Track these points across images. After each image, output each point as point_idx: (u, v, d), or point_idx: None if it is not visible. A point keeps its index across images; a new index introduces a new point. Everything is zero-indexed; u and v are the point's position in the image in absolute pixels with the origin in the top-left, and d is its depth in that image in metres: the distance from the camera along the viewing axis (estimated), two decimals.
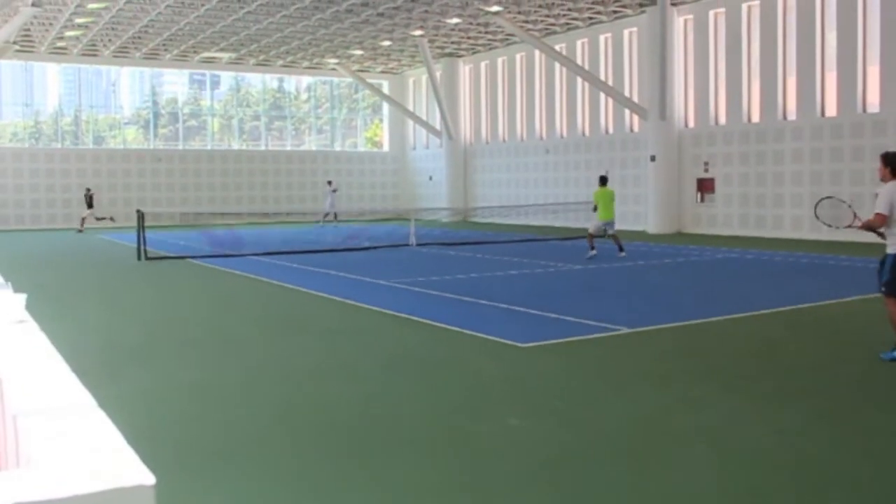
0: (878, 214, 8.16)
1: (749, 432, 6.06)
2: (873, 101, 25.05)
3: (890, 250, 8.18)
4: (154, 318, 12.10)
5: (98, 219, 35.19)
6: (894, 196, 8.09)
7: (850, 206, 8.99)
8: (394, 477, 5.22)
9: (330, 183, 40.29)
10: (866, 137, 24.76)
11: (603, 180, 21.17)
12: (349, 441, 5.95)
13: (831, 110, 26.12)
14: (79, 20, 31.68)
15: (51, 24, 32.31)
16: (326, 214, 38.73)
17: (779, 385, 7.35)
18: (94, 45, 36.88)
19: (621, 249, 20.55)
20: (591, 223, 20.97)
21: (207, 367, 8.58)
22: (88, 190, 36.00)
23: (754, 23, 28.28)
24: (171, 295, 14.89)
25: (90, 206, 35.30)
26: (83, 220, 35.28)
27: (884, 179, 8.33)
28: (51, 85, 41.57)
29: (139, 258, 20.69)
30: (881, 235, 8.31)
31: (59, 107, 41.28)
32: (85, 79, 42.05)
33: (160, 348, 9.63)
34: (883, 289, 8.25)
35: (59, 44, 36.35)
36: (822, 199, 9.38)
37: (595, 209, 20.78)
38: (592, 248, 20.41)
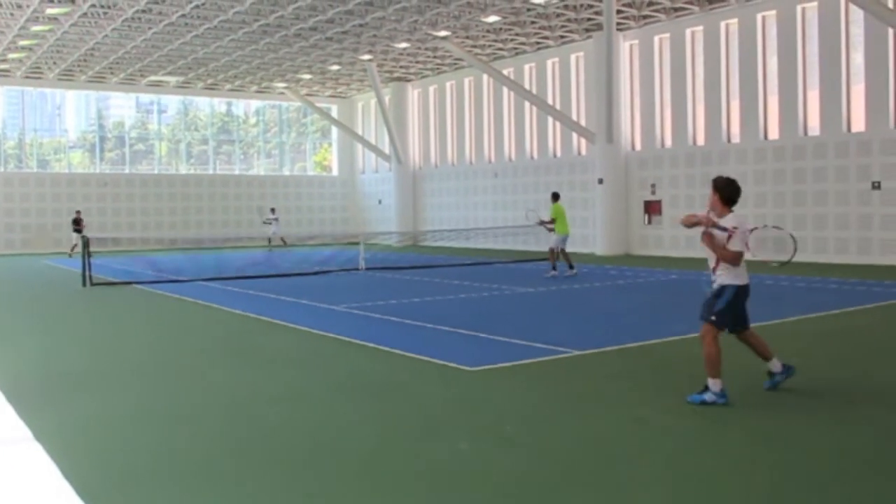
0: (735, 253, 7.36)
1: (698, 453, 6.11)
2: (814, 125, 25.59)
3: (734, 281, 7.44)
4: (97, 346, 11.88)
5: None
6: (742, 227, 7.39)
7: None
8: (342, 503, 5.17)
9: (273, 210, 40.20)
10: (808, 160, 25.26)
11: (556, 196, 21.48)
12: (296, 469, 5.88)
13: (774, 133, 26.64)
14: (22, 42, 31.24)
15: None
16: (271, 240, 38.80)
17: (725, 407, 7.41)
18: (38, 67, 36.39)
19: (571, 267, 20.77)
20: (552, 239, 21.12)
21: (151, 394, 8.43)
22: (78, 212, 35.23)
23: (698, 48, 28.79)
24: (116, 321, 14.64)
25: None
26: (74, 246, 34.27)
27: (713, 209, 7.57)
28: None
29: (84, 284, 20.34)
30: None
31: (1, 130, 40.56)
32: (29, 101, 41.44)
33: (103, 376, 9.44)
34: (713, 318, 7.45)
35: (2, 66, 35.81)
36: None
37: (553, 224, 20.90)
38: (554, 267, 20.64)
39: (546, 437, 6.57)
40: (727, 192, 7.43)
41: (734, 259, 7.40)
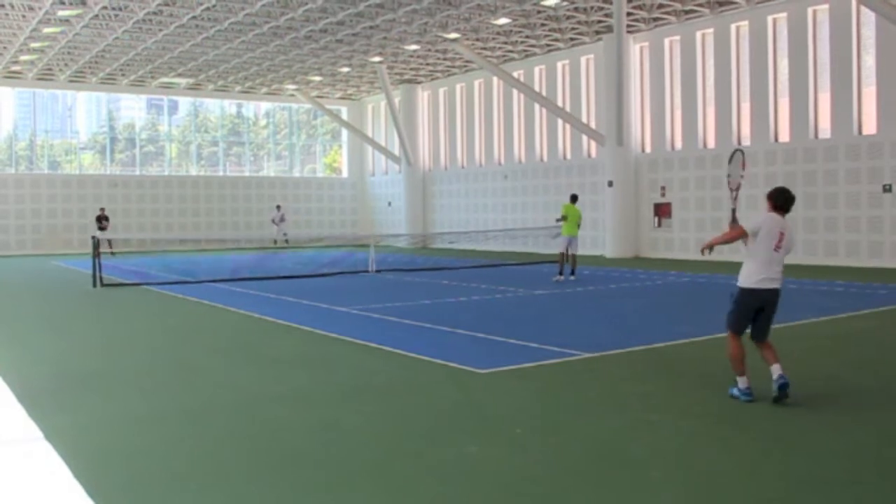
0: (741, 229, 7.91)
1: (707, 456, 6.09)
2: (825, 128, 25.51)
3: (739, 282, 7.81)
4: (107, 346, 11.92)
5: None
6: (765, 223, 7.82)
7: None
8: None
9: (279, 207, 40.60)
10: (818, 162, 25.18)
11: (574, 198, 21.38)
12: (305, 470, 5.88)
13: (784, 136, 26.56)
14: (34, 44, 31.36)
15: (5, 48, 31.95)
16: (283, 236, 39.12)
17: (735, 409, 7.40)
18: (49, 69, 36.52)
19: (573, 273, 20.72)
20: (559, 241, 21.09)
21: (161, 396, 8.45)
22: (102, 210, 35.12)
23: (709, 50, 28.73)
24: (126, 322, 14.68)
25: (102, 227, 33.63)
26: (109, 242, 33.50)
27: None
28: (5, 109, 40.93)
29: (94, 285, 20.40)
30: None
31: (13, 131, 40.68)
32: (40, 103, 41.55)
33: (112, 376, 9.47)
34: (726, 317, 7.99)
35: (14, 68, 35.95)
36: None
37: (561, 220, 20.79)
38: (561, 272, 20.57)
39: (556, 440, 6.57)
40: (776, 199, 8.05)
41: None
